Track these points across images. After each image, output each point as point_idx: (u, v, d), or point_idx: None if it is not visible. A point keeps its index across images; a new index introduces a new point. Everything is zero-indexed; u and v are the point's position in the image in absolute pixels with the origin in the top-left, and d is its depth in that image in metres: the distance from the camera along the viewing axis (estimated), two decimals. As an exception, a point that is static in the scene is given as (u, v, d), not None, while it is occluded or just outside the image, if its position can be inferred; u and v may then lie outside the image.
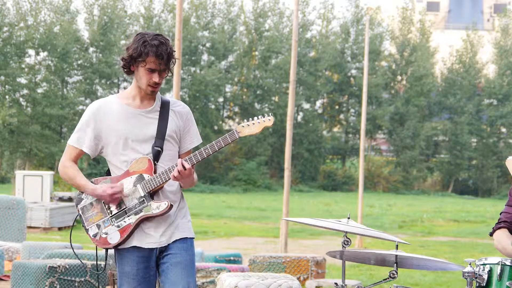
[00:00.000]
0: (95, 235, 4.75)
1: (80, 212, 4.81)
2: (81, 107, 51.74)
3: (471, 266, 4.69)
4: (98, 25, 52.60)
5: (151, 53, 4.62)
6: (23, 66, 50.86)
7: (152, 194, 4.70)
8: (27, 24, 50.92)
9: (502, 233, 5.07)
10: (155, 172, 4.69)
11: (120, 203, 4.72)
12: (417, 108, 57.92)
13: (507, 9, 62.56)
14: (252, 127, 4.64)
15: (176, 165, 4.64)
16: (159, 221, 4.71)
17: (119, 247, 4.76)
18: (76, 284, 9.68)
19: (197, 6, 55.63)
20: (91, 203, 4.78)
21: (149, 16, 54.63)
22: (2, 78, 50.11)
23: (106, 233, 4.71)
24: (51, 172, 29.15)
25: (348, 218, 5.03)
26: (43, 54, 51.79)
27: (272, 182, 53.33)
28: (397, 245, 4.88)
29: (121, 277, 4.75)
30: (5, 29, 50.18)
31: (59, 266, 9.61)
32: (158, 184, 4.67)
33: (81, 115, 4.77)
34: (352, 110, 59.79)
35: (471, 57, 59.83)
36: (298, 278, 12.07)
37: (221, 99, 57.27)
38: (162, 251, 4.76)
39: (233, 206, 36.47)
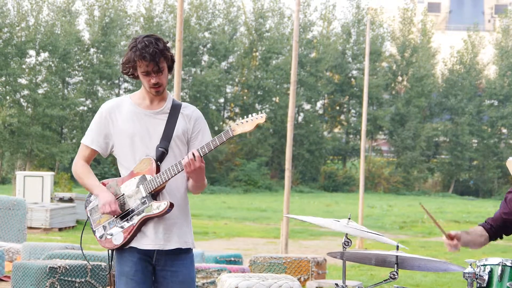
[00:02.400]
0: (101, 237, 4.76)
1: (89, 214, 4.82)
2: (81, 107, 51.68)
3: (471, 267, 4.68)
4: (98, 26, 52.60)
5: (136, 57, 4.60)
6: (23, 66, 50.85)
7: (155, 195, 4.67)
8: (28, 25, 50.90)
9: (476, 227, 5.26)
10: (157, 173, 4.66)
11: (124, 204, 4.71)
12: (418, 109, 57.91)
13: (508, 10, 62.51)
14: (246, 124, 4.61)
15: (179, 162, 4.61)
16: (158, 221, 4.67)
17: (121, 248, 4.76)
18: (77, 285, 9.67)
19: (197, 7, 55.63)
20: (98, 205, 4.77)
21: (150, 17, 54.63)
22: (3, 78, 50.07)
23: (111, 234, 4.71)
24: (52, 173, 29.14)
25: (349, 218, 5.02)
26: (43, 55, 51.76)
27: (273, 183, 53.31)
28: (397, 246, 4.87)
29: (120, 277, 4.73)
30: (6, 29, 50.16)
31: (59, 267, 9.59)
32: (159, 184, 4.64)
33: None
34: (352, 111, 59.77)
35: (472, 58, 59.82)
36: (299, 279, 12.06)
37: (221, 100, 57.27)
38: (160, 259, 4.72)
39: (233, 207, 36.44)
